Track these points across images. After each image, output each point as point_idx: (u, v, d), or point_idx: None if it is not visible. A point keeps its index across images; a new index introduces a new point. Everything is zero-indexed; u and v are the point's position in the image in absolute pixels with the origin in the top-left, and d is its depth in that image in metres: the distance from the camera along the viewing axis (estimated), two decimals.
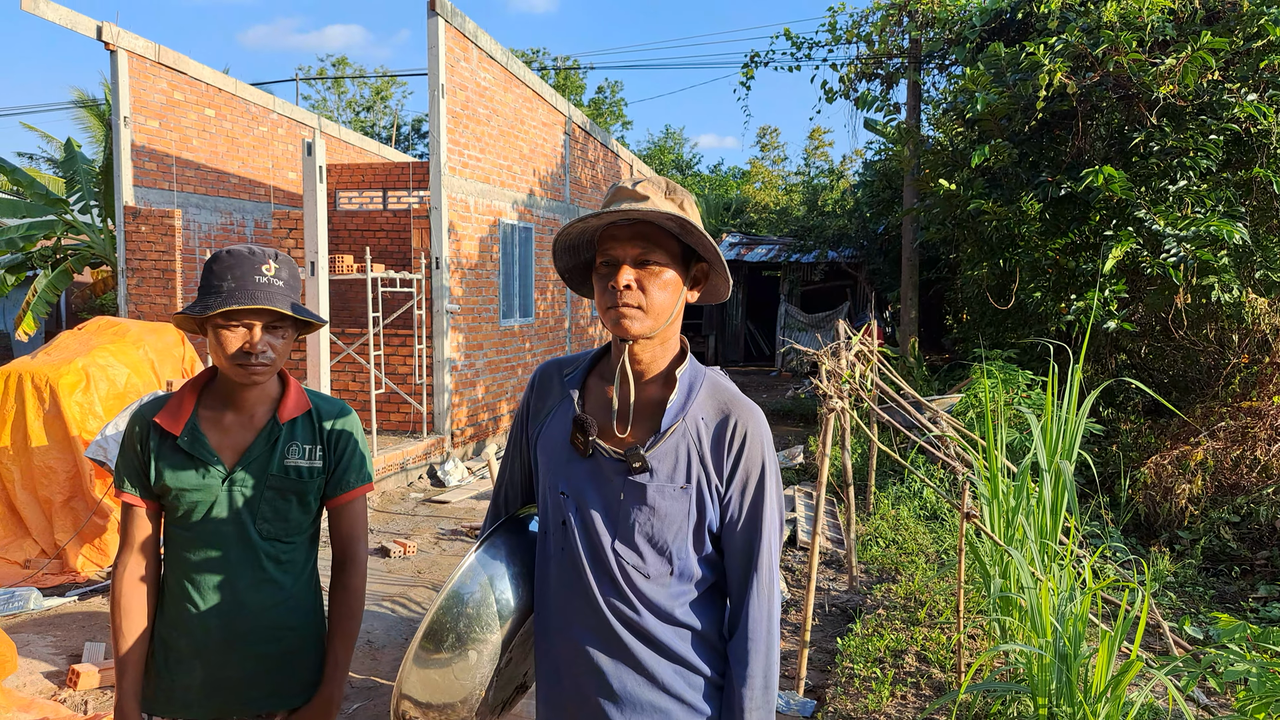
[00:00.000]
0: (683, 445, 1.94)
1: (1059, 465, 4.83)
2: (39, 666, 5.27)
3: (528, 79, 13.44)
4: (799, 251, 23.92)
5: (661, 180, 1.96)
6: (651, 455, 1.92)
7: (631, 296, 1.87)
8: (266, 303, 2.23)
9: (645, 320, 1.89)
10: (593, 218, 1.88)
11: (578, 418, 1.98)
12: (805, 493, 9.61)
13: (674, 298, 1.94)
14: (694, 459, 1.93)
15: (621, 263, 1.89)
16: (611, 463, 1.95)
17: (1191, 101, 9.37)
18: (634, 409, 1.98)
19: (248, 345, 2.25)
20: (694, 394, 1.98)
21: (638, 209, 1.84)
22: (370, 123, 39.58)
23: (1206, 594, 6.84)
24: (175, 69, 11.96)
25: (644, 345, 1.95)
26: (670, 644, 1.95)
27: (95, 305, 20.91)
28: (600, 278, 1.93)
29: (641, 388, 1.99)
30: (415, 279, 10.98)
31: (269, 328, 2.28)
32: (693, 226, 1.87)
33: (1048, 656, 3.76)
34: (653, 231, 1.90)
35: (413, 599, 6.71)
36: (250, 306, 2.22)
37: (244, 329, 2.25)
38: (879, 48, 15.38)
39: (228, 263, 2.27)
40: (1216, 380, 9.66)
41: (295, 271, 2.38)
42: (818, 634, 5.94)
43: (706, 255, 1.96)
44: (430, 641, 1.92)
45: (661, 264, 1.90)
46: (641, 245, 1.89)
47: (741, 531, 1.96)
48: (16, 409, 6.99)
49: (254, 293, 2.24)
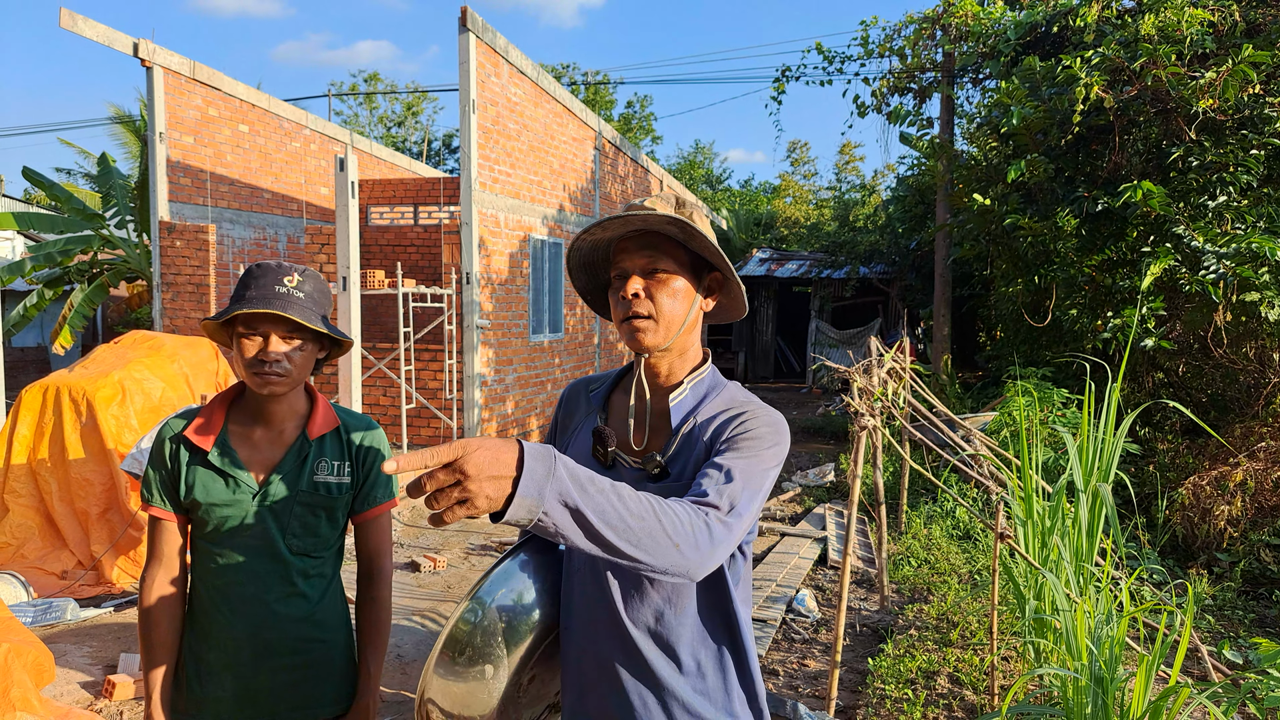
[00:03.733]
0: (697, 447, 1.94)
1: (1096, 487, 4.75)
2: (75, 676, 5.31)
3: (558, 94, 13.49)
4: (830, 267, 23.84)
5: (672, 195, 1.98)
6: (668, 460, 1.94)
7: (641, 305, 1.90)
8: (281, 310, 2.26)
9: (658, 331, 1.91)
10: (596, 228, 1.91)
11: (597, 429, 2.00)
12: (836, 511, 9.53)
13: (685, 306, 1.95)
14: (705, 457, 1.93)
15: (630, 273, 1.92)
16: (631, 471, 1.96)
17: (1231, 116, 9.25)
18: (651, 419, 2.00)
19: (261, 353, 2.28)
20: (707, 398, 1.99)
21: (634, 214, 1.86)
22: (401, 138, 39.91)
23: (1246, 618, 6.71)
24: (210, 85, 12.11)
25: (661, 357, 1.97)
26: (696, 652, 1.94)
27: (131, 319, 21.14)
28: (613, 291, 1.96)
29: (659, 398, 2.01)
30: (446, 294, 11.03)
31: (286, 338, 2.30)
32: (693, 229, 1.87)
33: (1084, 680, 3.70)
34: (660, 241, 1.93)
35: (442, 614, 6.70)
36: (261, 311, 2.25)
37: (260, 337, 2.29)
38: (912, 62, 15.32)
39: (255, 274, 2.32)
40: (1256, 400, 9.51)
41: (323, 288, 2.41)
42: (849, 654, 5.88)
43: (711, 259, 1.97)
44: (450, 650, 1.90)
45: (669, 271, 1.92)
46: (649, 255, 1.92)
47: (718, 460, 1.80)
48: (54, 422, 7.08)
49: (270, 300, 2.27)
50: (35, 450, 7.09)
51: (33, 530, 7.04)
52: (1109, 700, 3.61)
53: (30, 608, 6.24)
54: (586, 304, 2.13)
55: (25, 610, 6.19)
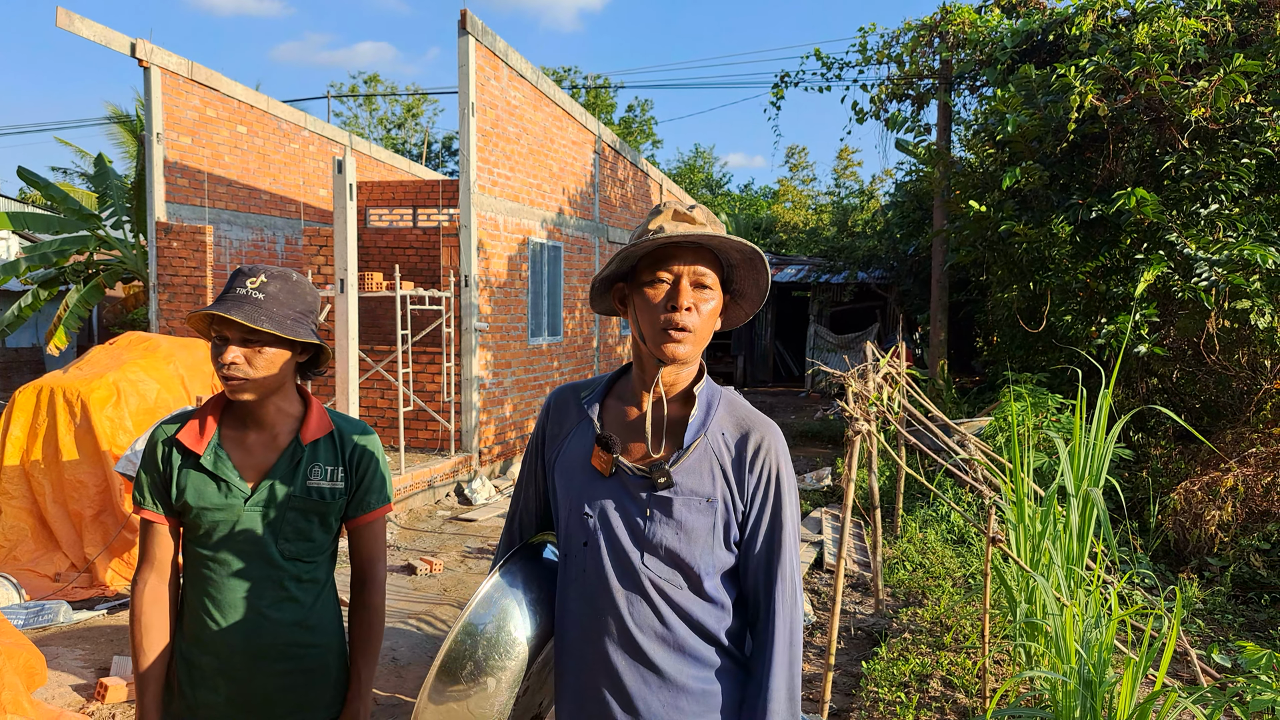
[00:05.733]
0: (705, 460, 1.96)
1: (1086, 491, 4.78)
2: (68, 679, 5.32)
3: (557, 98, 13.52)
4: (829, 272, 23.87)
5: (702, 207, 1.99)
6: (676, 470, 1.94)
7: (689, 319, 1.89)
8: (226, 312, 2.20)
9: (693, 346, 1.91)
10: (661, 237, 1.87)
11: (601, 435, 1.99)
12: (832, 515, 9.56)
13: (714, 324, 1.97)
14: (717, 473, 1.96)
15: (682, 279, 1.89)
16: (636, 480, 1.96)
17: (1224, 125, 9.29)
18: (655, 426, 2.00)
19: (219, 356, 2.26)
20: (713, 410, 2.01)
21: (725, 236, 1.86)
22: (402, 139, 39.92)
23: (1236, 622, 6.74)
24: (208, 85, 12.12)
25: (675, 367, 1.97)
26: (700, 655, 1.96)
27: (127, 320, 21.16)
28: (649, 288, 1.92)
29: (666, 407, 2.01)
30: (444, 297, 11.05)
31: (244, 342, 2.26)
32: (763, 261, 1.91)
33: (1072, 683, 3.72)
34: (708, 255, 1.93)
35: (438, 617, 6.72)
36: (211, 313, 2.22)
37: (220, 340, 2.26)
38: (909, 69, 15.34)
39: (231, 278, 2.31)
40: (1248, 406, 9.54)
41: (296, 289, 2.36)
42: (843, 657, 5.90)
43: (750, 289, 2.01)
44: (447, 672, 1.91)
45: (713, 289, 1.93)
46: (703, 267, 1.91)
47: (762, 545, 1.98)
48: (48, 423, 7.08)
49: (224, 303, 2.24)
50: (29, 452, 7.09)
51: (26, 532, 7.04)
52: (1097, 704, 3.63)
53: (22, 610, 6.24)
54: (592, 297, 2.11)
55: (17, 613, 6.19)
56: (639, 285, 1.94)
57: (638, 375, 2.03)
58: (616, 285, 2.05)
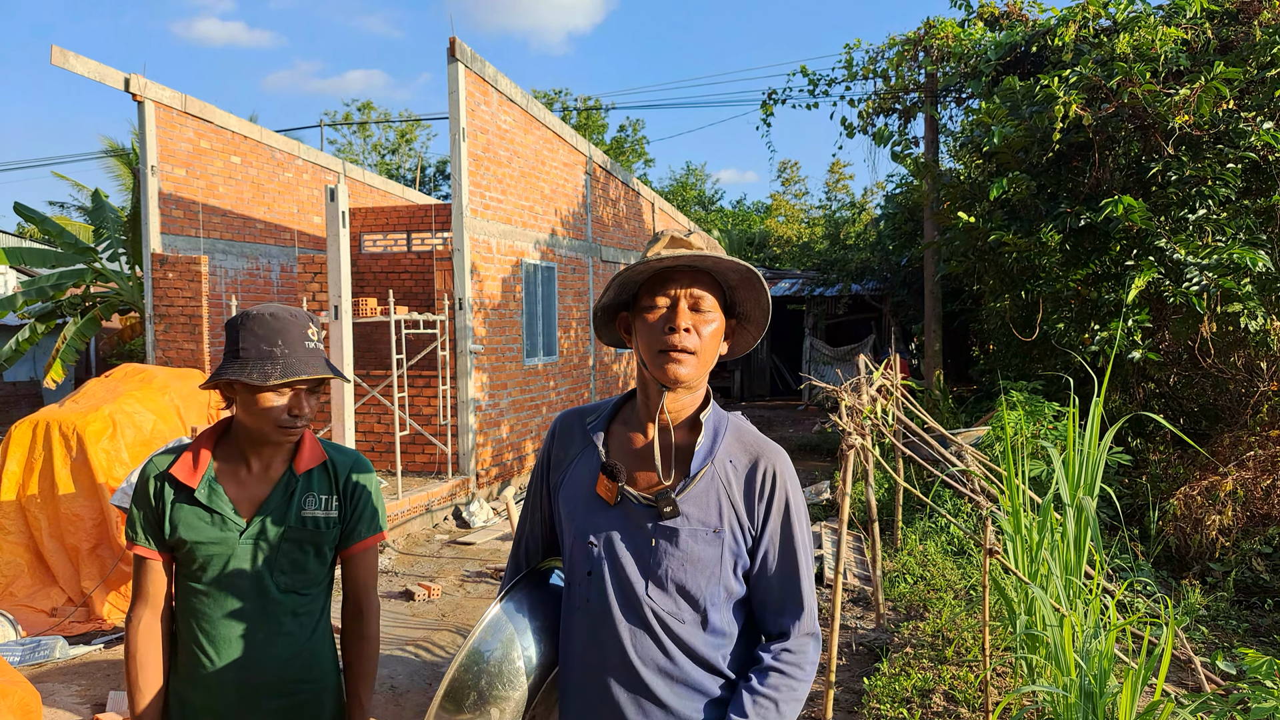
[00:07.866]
0: (713, 489, 1.94)
1: (1080, 499, 4.78)
2: (64, 717, 5.29)
3: (548, 120, 13.57)
4: (822, 285, 23.91)
5: (700, 233, 1.99)
6: (682, 500, 1.92)
7: (689, 340, 1.88)
8: (321, 371, 2.29)
9: (694, 368, 1.90)
10: (654, 261, 1.88)
11: (606, 464, 1.97)
12: (831, 529, 9.54)
13: (717, 346, 1.96)
14: (724, 502, 1.93)
15: (680, 301, 1.89)
16: (641, 509, 1.94)
17: (1208, 131, 9.35)
18: (661, 453, 1.98)
19: (295, 409, 2.29)
20: (720, 438, 1.99)
21: (719, 256, 1.87)
22: (395, 165, 40.04)
23: (1240, 627, 6.72)
24: (201, 118, 12.17)
25: (679, 393, 1.96)
26: (704, 689, 1.94)
27: (123, 351, 21.14)
28: (648, 313, 1.92)
29: (670, 433, 2.00)
30: (439, 320, 11.06)
31: (311, 390, 2.34)
32: (760, 280, 1.91)
33: (1072, 695, 3.71)
34: (706, 279, 1.93)
35: (436, 643, 6.69)
36: (314, 377, 2.29)
37: (291, 393, 2.29)
38: (895, 83, 15.44)
39: (274, 327, 2.28)
40: (1245, 408, 9.55)
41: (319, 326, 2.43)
42: (844, 674, 5.88)
43: (753, 310, 2.01)
44: (451, 701, 1.89)
45: (713, 311, 1.93)
46: (700, 289, 1.91)
47: (774, 576, 1.97)
48: (44, 457, 7.07)
49: (308, 360, 2.29)
50: (25, 486, 7.08)
51: (22, 567, 7.02)
52: (1099, 715, 3.62)
53: (18, 646, 6.21)
54: (594, 324, 2.11)
55: (13, 649, 6.16)
56: (639, 311, 1.95)
57: (642, 402, 2.02)
58: (621, 315, 2.05)
